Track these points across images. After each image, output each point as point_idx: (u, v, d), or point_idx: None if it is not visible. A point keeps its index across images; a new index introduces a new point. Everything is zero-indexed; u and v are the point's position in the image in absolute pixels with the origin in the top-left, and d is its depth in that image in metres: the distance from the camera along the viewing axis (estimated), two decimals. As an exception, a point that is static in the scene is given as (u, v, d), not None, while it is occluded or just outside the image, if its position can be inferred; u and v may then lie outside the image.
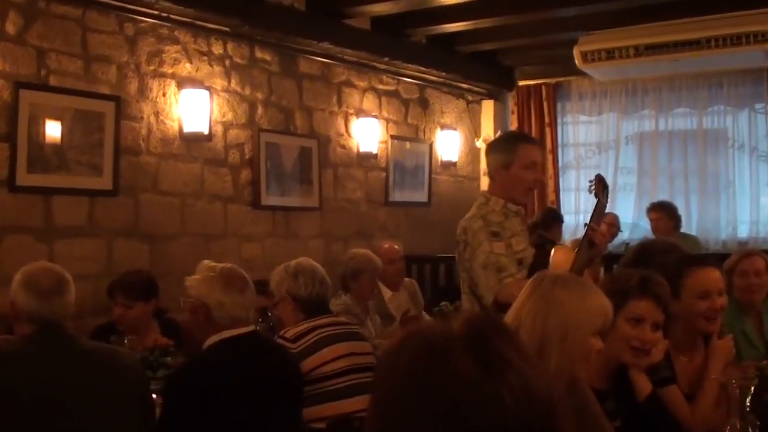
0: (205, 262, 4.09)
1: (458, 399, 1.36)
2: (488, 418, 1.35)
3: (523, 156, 4.73)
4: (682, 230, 8.71)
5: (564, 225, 9.51)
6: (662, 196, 9.28)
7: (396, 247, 7.46)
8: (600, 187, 4.63)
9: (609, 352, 3.27)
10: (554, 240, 5.43)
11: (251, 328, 4.06)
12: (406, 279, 7.53)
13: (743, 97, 9.25)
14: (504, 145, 4.90)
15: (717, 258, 4.77)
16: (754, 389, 3.09)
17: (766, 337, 4.89)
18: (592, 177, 4.68)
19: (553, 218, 8.28)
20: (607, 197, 4.70)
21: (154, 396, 3.98)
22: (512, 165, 4.72)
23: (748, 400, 3.07)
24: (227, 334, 3.89)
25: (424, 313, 6.95)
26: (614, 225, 8.67)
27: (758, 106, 9.19)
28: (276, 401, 3.95)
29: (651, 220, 8.60)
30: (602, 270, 6.67)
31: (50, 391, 3.37)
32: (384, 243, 7.66)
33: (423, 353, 1.43)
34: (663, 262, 4.08)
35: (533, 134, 10.04)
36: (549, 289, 2.88)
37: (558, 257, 4.56)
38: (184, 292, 4.05)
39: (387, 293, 7.13)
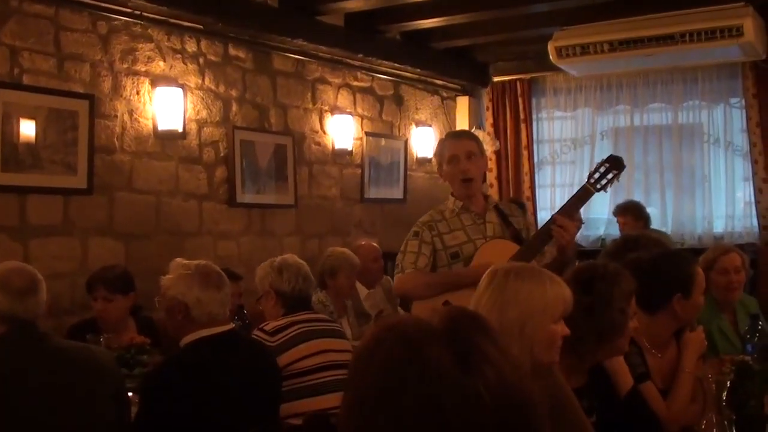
0: (178, 260, 4.07)
1: (435, 393, 1.35)
2: (465, 413, 1.35)
3: (445, 153, 4.96)
4: (657, 226, 8.72)
5: (540, 221, 9.54)
6: (637, 191, 9.31)
7: (375, 245, 7.48)
8: (602, 173, 4.70)
9: (607, 350, 3.30)
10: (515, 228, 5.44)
11: (229, 326, 4.05)
12: (383, 278, 7.53)
13: (718, 92, 9.25)
14: (438, 145, 5.20)
15: (693, 253, 4.79)
16: (730, 384, 3.10)
17: (741, 333, 4.90)
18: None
19: None
20: (607, 184, 4.72)
21: (130, 394, 3.96)
22: (442, 164, 5.00)
23: (724, 394, 3.07)
24: (205, 332, 3.88)
25: (399, 309, 6.95)
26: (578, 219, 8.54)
27: (733, 100, 9.21)
28: (253, 399, 3.94)
29: (618, 223, 8.53)
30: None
31: (24, 390, 3.37)
32: (362, 241, 7.67)
33: (400, 346, 1.42)
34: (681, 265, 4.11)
35: (508, 130, 10.08)
36: (503, 282, 2.89)
37: (489, 250, 4.62)
38: (158, 292, 4.03)
39: (363, 291, 7.14)
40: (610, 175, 4.70)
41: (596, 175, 4.72)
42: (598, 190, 4.72)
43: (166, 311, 3.99)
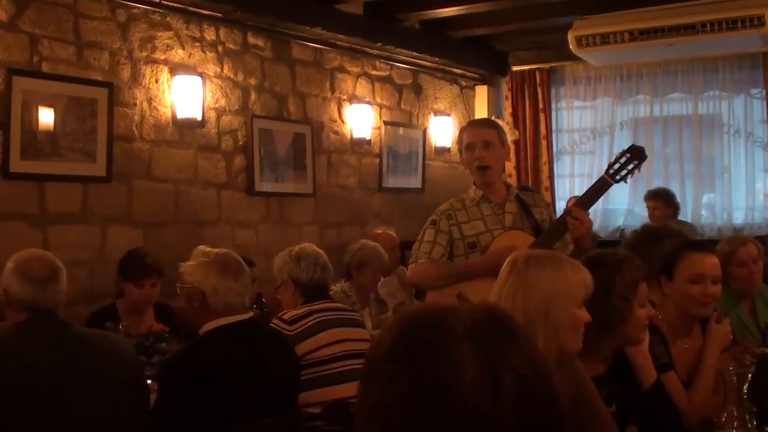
0: (201, 247, 4.08)
1: (457, 403, 1.34)
2: (486, 422, 1.34)
3: (464, 140, 5.00)
4: (680, 217, 8.71)
5: (558, 210, 9.52)
6: (657, 182, 9.27)
7: (392, 234, 7.50)
8: (624, 162, 4.70)
9: (621, 339, 3.31)
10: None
11: (248, 315, 4.06)
12: (399, 267, 7.56)
13: (738, 82, 9.21)
14: (458, 137, 5.30)
15: (713, 244, 4.78)
16: (751, 376, 3.09)
17: (760, 324, 4.89)
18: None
19: None
20: (627, 174, 4.72)
21: (149, 382, 3.97)
22: (462, 152, 5.05)
23: (745, 387, 3.06)
24: (223, 321, 3.89)
25: (415, 300, 6.96)
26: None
27: (754, 91, 9.17)
28: (271, 388, 3.94)
29: (648, 208, 8.57)
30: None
31: (45, 379, 3.37)
32: (379, 229, 7.68)
33: (422, 343, 1.40)
34: (669, 246, 4.13)
35: (527, 120, 10.05)
36: (524, 269, 2.91)
37: (503, 240, 4.64)
38: (179, 279, 4.04)
39: (379, 279, 7.16)
40: (630, 166, 4.71)
41: (616, 166, 4.72)
42: (617, 181, 4.74)
43: (185, 298, 4.01)
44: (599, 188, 4.79)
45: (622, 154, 4.76)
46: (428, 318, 1.45)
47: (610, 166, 4.74)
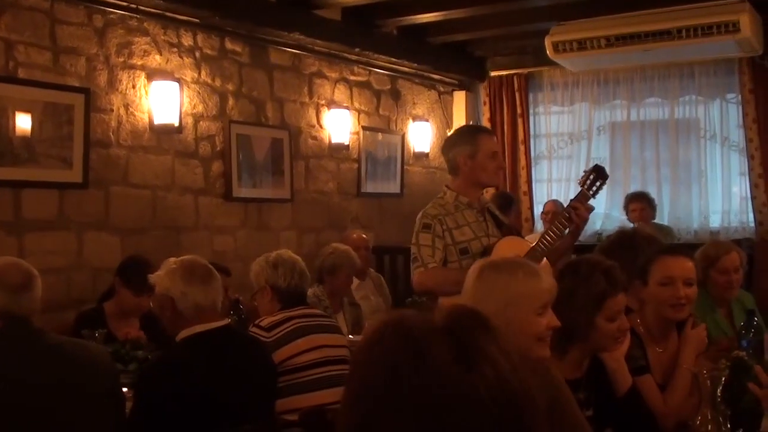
0: (171, 259, 4.06)
1: (433, 390, 1.35)
2: (463, 410, 1.35)
3: (485, 147, 5.11)
4: (656, 220, 8.77)
5: (537, 215, 9.57)
6: (634, 186, 9.31)
7: (363, 235, 7.54)
8: (592, 179, 4.99)
9: (588, 346, 3.34)
10: (512, 225, 5.72)
11: (224, 322, 4.05)
12: (373, 272, 7.67)
13: (715, 87, 9.26)
14: (466, 137, 5.23)
15: (688, 248, 4.80)
16: (725, 380, 3.10)
17: (736, 329, 4.91)
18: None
19: (504, 203, 8.25)
20: (597, 191, 5.02)
21: (125, 390, 3.96)
22: (477, 154, 5.08)
23: (719, 390, 3.08)
24: (199, 328, 3.87)
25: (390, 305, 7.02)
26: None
27: (730, 96, 9.22)
28: (248, 395, 3.93)
29: (633, 210, 8.60)
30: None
31: (19, 387, 3.35)
32: (352, 232, 7.71)
33: (400, 342, 1.42)
34: (644, 252, 4.17)
35: (505, 125, 10.07)
36: (480, 276, 2.99)
37: (503, 248, 4.71)
38: (149, 290, 4.05)
39: (354, 282, 7.19)
40: (598, 183, 5.01)
41: (588, 183, 5.01)
42: (592, 196, 5.02)
43: (157, 308, 4.00)
44: (583, 197, 5.01)
45: (589, 173, 5.05)
46: (399, 321, 1.46)
47: (584, 182, 5.02)
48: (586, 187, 4.99)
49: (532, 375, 1.48)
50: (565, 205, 5.16)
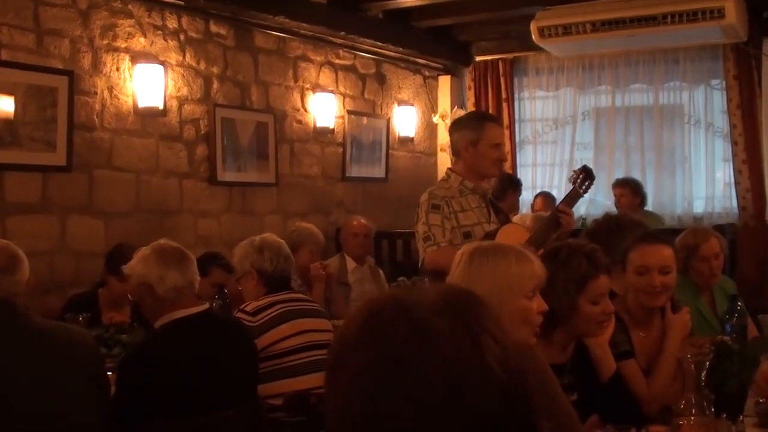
0: (142, 248, 4.05)
1: (446, 370, 1.33)
2: (479, 384, 1.34)
3: (490, 135, 5.13)
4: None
5: (520, 200, 9.57)
6: (619, 172, 9.33)
7: (364, 222, 7.59)
8: (582, 178, 5.13)
9: (572, 330, 3.36)
10: (507, 211, 5.77)
11: (204, 306, 4.04)
12: (371, 260, 7.75)
13: (699, 73, 9.28)
14: (472, 123, 5.25)
15: (672, 234, 4.82)
16: (709, 364, 3.12)
17: (719, 315, 4.93)
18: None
19: (509, 185, 8.26)
20: (586, 190, 5.19)
21: (109, 374, 3.95)
22: (480, 142, 5.10)
23: (703, 374, 3.09)
24: (180, 313, 3.86)
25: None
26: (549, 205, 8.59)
27: (714, 82, 9.24)
28: (231, 379, 3.93)
29: (615, 195, 8.64)
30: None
31: (2, 370, 3.33)
32: (354, 219, 7.75)
33: (406, 325, 1.38)
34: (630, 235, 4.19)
35: (490, 110, 10.04)
36: (471, 260, 2.99)
37: (505, 236, 4.72)
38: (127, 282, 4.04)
39: (351, 264, 7.44)
40: (587, 182, 5.17)
41: (578, 181, 5.15)
42: (583, 194, 5.22)
43: (137, 298, 3.99)
44: (573, 196, 5.16)
45: (579, 172, 5.20)
46: (394, 300, 1.44)
47: (574, 180, 5.17)
48: (577, 184, 5.13)
49: (521, 357, 1.47)
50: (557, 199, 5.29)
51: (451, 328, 1.36)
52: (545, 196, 9.06)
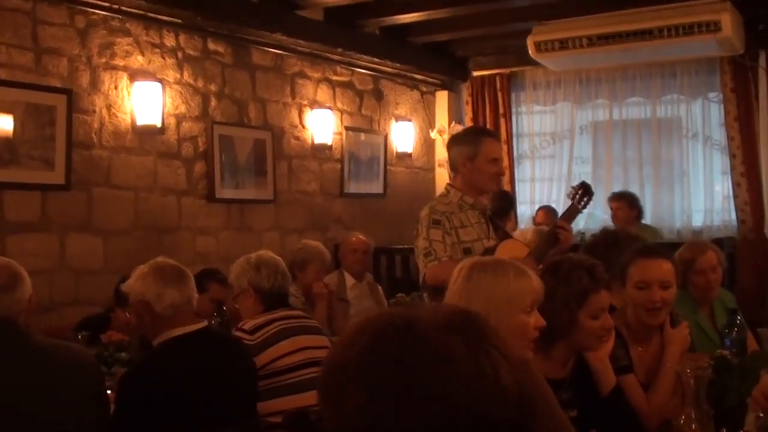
0: (140, 266, 4.05)
1: (458, 389, 1.35)
2: (489, 400, 1.36)
3: (487, 150, 5.11)
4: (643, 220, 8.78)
5: (519, 215, 9.59)
6: (617, 186, 9.34)
7: (363, 238, 7.58)
8: (581, 194, 5.18)
9: (572, 345, 3.36)
10: (507, 230, 5.76)
11: (202, 324, 4.03)
12: (370, 277, 7.71)
13: (696, 86, 9.31)
14: (469, 139, 5.24)
15: (671, 247, 4.82)
16: (709, 378, 3.11)
17: (719, 328, 4.92)
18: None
19: (507, 204, 8.28)
20: (585, 206, 5.22)
21: (108, 392, 3.94)
22: (477, 157, 5.08)
23: (702, 389, 3.09)
24: (179, 331, 3.86)
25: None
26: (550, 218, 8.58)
27: (711, 95, 9.26)
28: (230, 396, 3.92)
29: (612, 209, 8.66)
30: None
31: (3, 388, 3.33)
32: (353, 235, 7.74)
33: (414, 344, 1.40)
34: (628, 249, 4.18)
35: (488, 125, 10.06)
36: (469, 275, 2.98)
37: (504, 251, 4.73)
38: (125, 301, 4.04)
39: (350, 281, 7.41)
40: (586, 198, 5.22)
41: (576, 197, 5.20)
42: (581, 211, 5.26)
43: (135, 316, 3.99)
44: (572, 212, 5.20)
45: (578, 188, 5.25)
46: (399, 320, 1.44)
47: (573, 197, 5.22)
48: (576, 200, 5.16)
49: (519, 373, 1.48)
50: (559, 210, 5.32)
51: (461, 348, 1.38)
52: (547, 210, 9.07)
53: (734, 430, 3.10)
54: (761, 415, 3.31)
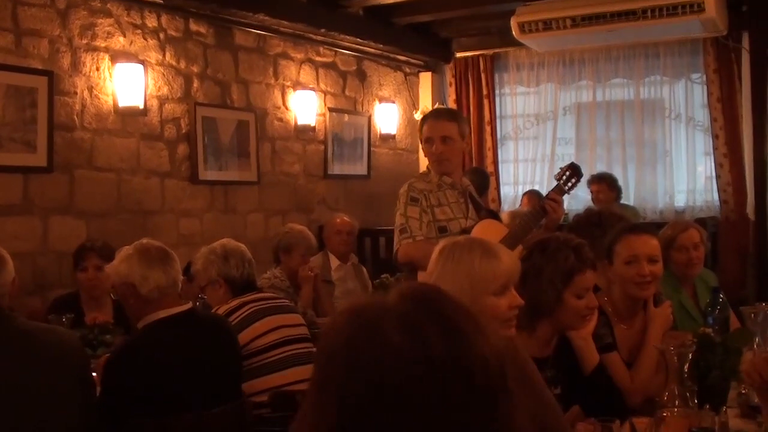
0: (124, 247, 4.04)
1: (390, 370, 1.39)
2: (418, 383, 1.39)
3: (423, 132, 5.20)
4: (623, 201, 8.82)
5: (503, 196, 9.61)
6: (600, 167, 9.37)
7: (347, 220, 7.59)
8: (569, 176, 5.16)
9: (556, 324, 3.38)
10: (492, 210, 5.76)
11: (187, 306, 4.03)
12: (355, 258, 7.72)
13: (680, 67, 9.33)
14: (419, 125, 5.38)
15: (655, 227, 4.84)
16: (692, 355, 3.13)
17: (701, 307, 4.95)
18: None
19: (484, 181, 8.32)
20: (572, 187, 5.20)
21: (93, 375, 3.93)
22: (422, 141, 5.22)
23: (686, 366, 3.10)
24: (163, 313, 3.85)
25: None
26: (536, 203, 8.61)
27: (694, 76, 9.29)
28: (216, 377, 3.92)
29: (592, 191, 8.68)
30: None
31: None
32: (337, 217, 7.74)
33: (356, 328, 1.46)
34: (611, 229, 4.21)
35: (471, 106, 10.09)
36: (439, 257, 3.02)
37: (480, 231, 4.74)
38: (110, 283, 4.03)
39: (335, 262, 7.43)
40: (573, 180, 5.17)
41: (563, 179, 5.15)
42: (567, 192, 5.19)
43: (120, 298, 3.97)
44: (559, 192, 5.14)
45: (565, 170, 5.20)
46: (357, 304, 1.52)
47: (560, 177, 5.18)
48: (562, 182, 5.13)
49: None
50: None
51: (394, 327, 1.43)
52: (532, 194, 9.08)
53: (717, 407, 3.11)
54: (743, 391, 3.34)
